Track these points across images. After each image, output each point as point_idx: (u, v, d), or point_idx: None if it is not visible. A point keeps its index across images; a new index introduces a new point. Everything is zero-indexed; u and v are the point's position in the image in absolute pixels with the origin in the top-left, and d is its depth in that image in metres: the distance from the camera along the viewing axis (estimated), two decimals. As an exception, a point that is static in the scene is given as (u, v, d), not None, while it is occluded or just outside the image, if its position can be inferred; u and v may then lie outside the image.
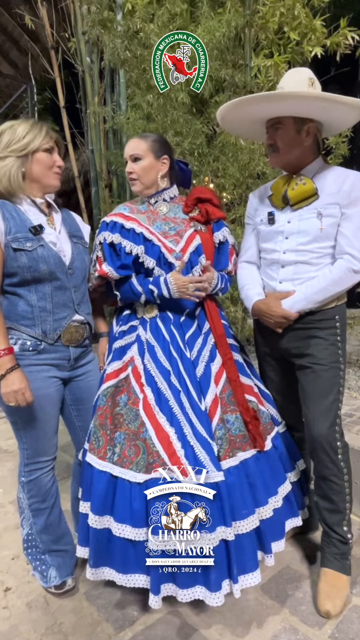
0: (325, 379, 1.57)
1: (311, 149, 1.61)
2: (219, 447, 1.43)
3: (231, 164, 3.43)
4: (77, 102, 4.84)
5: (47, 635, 1.46)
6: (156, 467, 1.36)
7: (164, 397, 1.47)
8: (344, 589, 1.53)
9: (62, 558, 1.63)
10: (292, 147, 1.59)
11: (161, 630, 1.45)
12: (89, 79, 4.41)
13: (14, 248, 1.39)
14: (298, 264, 1.61)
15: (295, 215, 1.61)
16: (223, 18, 3.20)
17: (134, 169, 1.62)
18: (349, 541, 1.58)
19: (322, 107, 1.50)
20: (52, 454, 1.59)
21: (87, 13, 4.01)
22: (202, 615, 1.49)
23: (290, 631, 1.42)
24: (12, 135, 1.43)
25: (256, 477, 1.46)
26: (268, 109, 1.56)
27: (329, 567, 1.56)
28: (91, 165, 4.65)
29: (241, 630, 1.43)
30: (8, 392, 1.37)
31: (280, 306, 1.59)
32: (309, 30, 3.34)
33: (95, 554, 1.44)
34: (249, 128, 1.74)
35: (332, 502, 1.57)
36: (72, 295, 1.53)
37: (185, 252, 1.59)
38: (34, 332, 1.46)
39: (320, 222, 1.55)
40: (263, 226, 1.72)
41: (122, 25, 3.29)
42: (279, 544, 1.49)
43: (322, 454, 1.55)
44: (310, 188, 1.56)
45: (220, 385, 1.54)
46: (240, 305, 3.86)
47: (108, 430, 1.50)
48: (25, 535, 1.65)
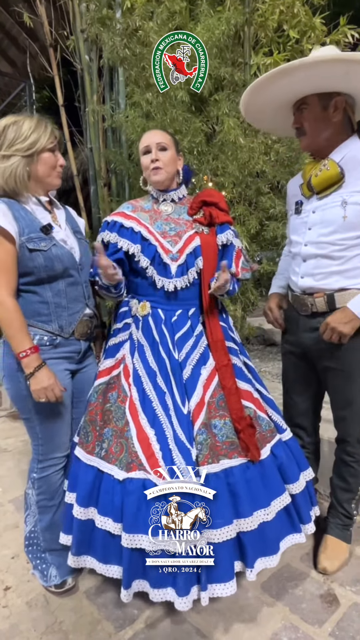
0: (350, 381, 1.56)
1: (342, 126, 1.48)
2: (198, 451, 1.39)
3: (230, 163, 3.42)
4: (76, 100, 4.82)
5: (47, 634, 1.46)
6: (134, 468, 1.36)
7: (147, 398, 1.46)
8: (343, 553, 1.68)
9: (62, 557, 1.63)
10: (320, 126, 1.47)
11: (162, 628, 1.45)
12: (88, 77, 4.40)
13: (29, 249, 1.40)
14: (318, 257, 1.52)
15: (321, 205, 1.51)
16: (222, 16, 3.19)
17: (160, 157, 1.58)
18: (353, 517, 1.71)
19: (342, 72, 1.35)
20: (66, 450, 1.61)
21: (85, 11, 4.00)
22: (203, 614, 1.49)
23: (290, 629, 1.42)
24: (17, 132, 1.42)
25: (240, 486, 1.38)
26: (287, 88, 1.45)
27: (332, 535, 1.71)
28: (90, 164, 4.64)
29: (241, 628, 1.44)
30: (38, 389, 1.40)
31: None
32: (309, 28, 3.34)
33: (78, 542, 1.46)
34: (274, 118, 1.65)
35: (347, 482, 1.68)
36: (83, 290, 1.58)
37: (183, 253, 1.57)
38: (51, 327, 1.49)
39: (344, 210, 1.43)
40: (292, 217, 1.66)
41: (121, 23, 3.28)
42: (268, 560, 1.40)
43: (348, 446, 1.64)
44: (334, 173, 1.44)
45: (211, 390, 1.50)
46: (239, 304, 3.85)
47: (97, 426, 1.52)
48: (27, 532, 1.66)
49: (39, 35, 5.31)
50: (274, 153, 3.40)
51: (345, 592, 1.56)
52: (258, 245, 3.84)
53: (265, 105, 1.59)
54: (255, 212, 3.73)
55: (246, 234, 3.55)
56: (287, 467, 1.52)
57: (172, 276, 1.57)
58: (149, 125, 3.45)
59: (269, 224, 3.65)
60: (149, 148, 1.60)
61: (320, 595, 1.55)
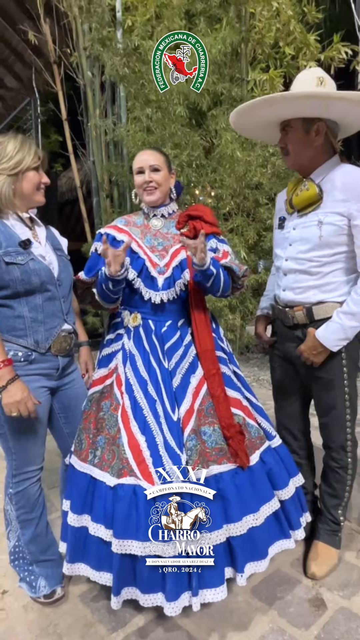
0: (332, 388, 1.62)
1: (323, 149, 1.56)
2: (188, 457, 1.42)
3: (228, 175, 3.50)
4: (79, 114, 4.94)
5: (42, 636, 1.50)
6: (125, 474, 1.39)
7: (139, 405, 1.50)
8: (332, 559, 1.70)
9: (50, 568, 1.64)
10: (302, 148, 1.56)
11: (153, 631, 1.49)
12: (90, 92, 4.51)
13: (6, 262, 1.43)
14: (297, 272, 1.60)
15: (301, 222, 1.59)
16: (219, 35, 3.28)
17: (154, 178, 1.65)
18: (340, 523, 1.74)
19: (323, 104, 1.46)
20: (40, 462, 1.62)
21: (88, 30, 4.11)
22: (192, 617, 1.53)
23: (277, 632, 1.45)
24: (2, 152, 1.47)
25: (229, 492, 1.41)
26: (271, 112, 1.54)
27: (320, 540, 1.73)
28: (93, 176, 4.74)
29: (230, 631, 1.47)
30: (10, 402, 1.39)
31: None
32: (304, 45, 3.43)
33: (72, 550, 1.48)
34: (265, 132, 1.73)
35: (333, 489, 1.71)
36: (61, 305, 1.58)
37: (169, 266, 1.63)
38: (26, 342, 1.49)
39: (320, 229, 1.51)
40: (276, 231, 1.74)
41: (121, 43, 3.38)
42: (257, 565, 1.42)
43: (332, 451, 1.69)
44: (313, 194, 1.52)
45: (200, 398, 1.54)
46: (239, 313, 3.91)
47: (91, 434, 1.55)
48: (12, 547, 1.66)
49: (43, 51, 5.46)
50: (270, 165, 3.48)
51: (333, 596, 1.59)
52: (256, 255, 3.91)
53: (253, 123, 1.68)
54: (253, 223, 3.80)
55: (244, 244, 3.61)
56: (276, 473, 1.55)
57: (159, 289, 1.63)
58: (149, 139, 3.54)
59: (266, 235, 3.72)
60: (142, 169, 1.67)
61: (309, 600, 1.58)
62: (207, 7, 3.52)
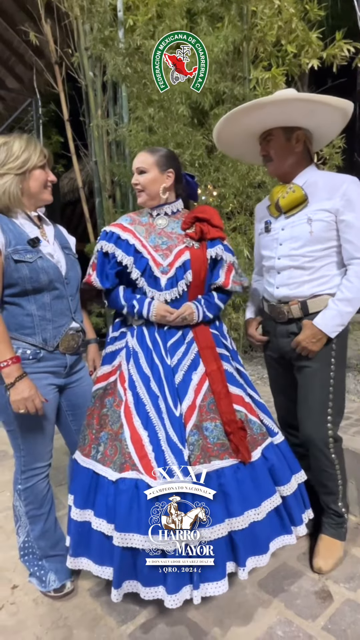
0: (317, 378, 1.67)
1: (302, 155, 1.70)
2: (190, 452, 1.44)
3: (231, 174, 3.51)
4: (81, 114, 4.95)
5: (52, 629, 1.53)
6: (127, 468, 1.41)
7: (141, 401, 1.51)
8: (337, 552, 1.73)
9: (59, 563, 1.67)
10: (284, 154, 1.68)
11: (161, 623, 1.51)
12: (92, 92, 4.53)
13: (15, 260, 1.44)
14: (292, 269, 1.69)
15: (289, 222, 1.69)
16: (221, 34, 3.28)
17: (139, 181, 1.69)
18: (343, 515, 1.77)
19: (304, 110, 1.58)
20: (48, 459, 1.65)
21: (89, 30, 4.13)
22: (201, 609, 1.55)
23: (284, 623, 1.47)
24: (9, 152, 1.49)
25: (231, 487, 1.42)
26: (256, 119, 1.64)
27: (326, 534, 1.77)
28: (95, 176, 4.76)
29: (238, 623, 1.49)
30: (18, 399, 1.41)
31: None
32: (306, 43, 3.43)
33: (75, 544, 1.51)
34: (242, 146, 1.85)
35: (326, 487, 1.75)
36: (69, 303, 1.60)
37: (172, 266, 1.64)
38: (35, 340, 1.51)
39: (310, 226, 1.62)
40: (262, 235, 1.83)
41: (123, 43, 3.39)
42: (258, 560, 1.45)
43: (314, 449, 1.70)
44: (299, 195, 1.65)
45: (201, 394, 1.56)
46: (242, 311, 3.92)
47: (94, 429, 1.57)
48: (21, 543, 1.68)
49: (44, 52, 5.48)
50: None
51: (339, 588, 1.61)
52: (259, 253, 3.92)
53: (235, 135, 1.77)
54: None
55: (247, 243, 3.62)
56: (278, 469, 1.57)
57: (162, 288, 1.65)
58: (151, 139, 3.55)
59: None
60: (134, 171, 1.72)
61: (315, 592, 1.60)
62: (208, 6, 3.53)
